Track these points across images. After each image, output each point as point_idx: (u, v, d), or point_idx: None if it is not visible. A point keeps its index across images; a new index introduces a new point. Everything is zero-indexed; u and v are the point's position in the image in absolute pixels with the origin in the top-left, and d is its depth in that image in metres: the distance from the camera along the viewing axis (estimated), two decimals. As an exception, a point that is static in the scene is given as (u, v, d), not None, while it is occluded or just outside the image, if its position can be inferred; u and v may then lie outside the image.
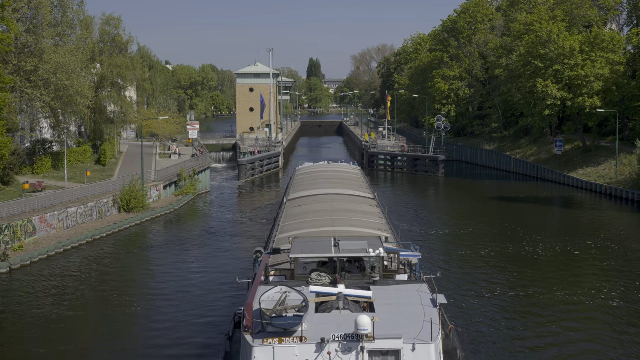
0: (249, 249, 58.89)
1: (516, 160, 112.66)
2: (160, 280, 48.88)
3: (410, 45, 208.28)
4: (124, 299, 44.06)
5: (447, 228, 66.43)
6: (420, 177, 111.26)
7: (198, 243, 61.55)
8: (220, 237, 63.57)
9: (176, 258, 55.55)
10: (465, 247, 57.34)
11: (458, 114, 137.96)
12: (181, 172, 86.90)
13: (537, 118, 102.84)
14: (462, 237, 61.60)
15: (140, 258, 56.82)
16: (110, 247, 59.96)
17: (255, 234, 65.09)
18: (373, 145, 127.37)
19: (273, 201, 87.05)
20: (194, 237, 64.23)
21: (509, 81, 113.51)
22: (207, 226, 69.41)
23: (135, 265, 54.20)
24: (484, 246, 57.76)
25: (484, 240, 60.57)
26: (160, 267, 52.88)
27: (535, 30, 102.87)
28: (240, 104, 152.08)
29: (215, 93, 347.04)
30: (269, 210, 78.52)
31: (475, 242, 59.57)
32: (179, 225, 70.14)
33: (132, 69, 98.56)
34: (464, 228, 65.82)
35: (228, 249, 59.03)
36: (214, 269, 51.33)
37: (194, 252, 57.83)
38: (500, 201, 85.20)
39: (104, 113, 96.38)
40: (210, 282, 47.74)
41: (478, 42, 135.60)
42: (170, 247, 59.94)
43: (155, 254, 57.91)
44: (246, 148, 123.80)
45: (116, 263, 54.26)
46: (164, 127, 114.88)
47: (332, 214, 41.91)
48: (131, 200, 71.62)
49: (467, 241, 59.83)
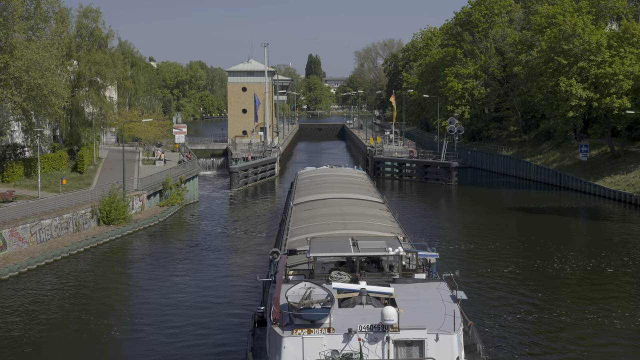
0: (243, 266, 58.76)
1: (537, 167, 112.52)
2: (144, 301, 48.64)
3: (419, 40, 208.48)
4: (103, 322, 43.82)
5: (461, 243, 66.20)
6: (431, 186, 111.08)
7: (185, 259, 61.31)
8: (210, 253, 63.37)
9: (161, 276, 55.33)
10: (483, 264, 57.12)
11: (472, 116, 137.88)
12: (167, 181, 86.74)
13: (560, 120, 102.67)
14: (478, 253, 61.38)
15: (122, 275, 56.57)
16: (88, 263, 59.73)
17: (250, 248, 64.89)
18: (379, 151, 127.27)
19: (268, 212, 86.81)
20: (181, 252, 64.01)
21: (528, 80, 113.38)
22: (195, 240, 69.18)
23: (116, 284, 53.96)
24: (504, 263, 57.52)
25: (504, 256, 60.35)
26: (144, 286, 52.66)
27: (558, 24, 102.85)
28: (231, 104, 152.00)
29: (204, 93, 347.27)
30: (265, 222, 78.31)
31: (494, 258, 59.36)
32: (164, 239, 69.92)
33: (113, 66, 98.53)
34: (480, 242, 65.60)
35: (218, 265, 58.81)
36: (204, 289, 51.09)
37: (181, 269, 57.59)
38: (519, 212, 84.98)
39: (81, 115, 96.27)
40: (200, 303, 47.47)
41: (495, 37, 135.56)
42: (154, 263, 59.71)
43: (138, 271, 57.67)
44: (238, 154, 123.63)
45: (95, 281, 54.02)
46: (147, 130, 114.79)
47: (343, 218, 45.26)
48: (111, 212, 71.46)
49: (484, 258, 59.60)
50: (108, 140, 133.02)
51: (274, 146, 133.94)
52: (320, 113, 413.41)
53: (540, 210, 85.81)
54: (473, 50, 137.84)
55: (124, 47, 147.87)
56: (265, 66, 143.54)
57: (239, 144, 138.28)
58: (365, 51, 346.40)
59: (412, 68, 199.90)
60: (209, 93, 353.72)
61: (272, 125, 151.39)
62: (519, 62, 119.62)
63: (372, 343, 25.34)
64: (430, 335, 25.46)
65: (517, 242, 66.37)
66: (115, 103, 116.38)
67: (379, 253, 32.11)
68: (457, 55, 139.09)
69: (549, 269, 55.56)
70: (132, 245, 67.17)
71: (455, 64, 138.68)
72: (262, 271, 55.78)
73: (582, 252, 61.48)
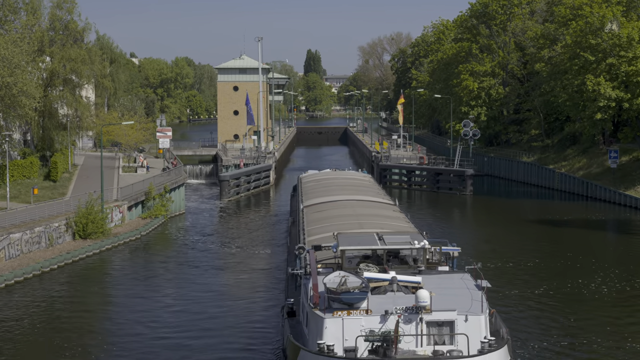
0: (235, 286, 58.78)
1: (561, 174, 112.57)
2: (125, 325, 48.59)
3: (430, 33, 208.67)
4: (78, 347, 43.81)
5: (477, 259, 66.19)
6: (443, 196, 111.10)
7: (171, 278, 61.30)
8: (199, 271, 63.31)
9: (144, 296, 55.30)
10: (503, 284, 56.97)
11: (489, 118, 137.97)
12: (149, 190, 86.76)
13: (587, 123, 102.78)
14: (497, 271, 61.27)
15: (100, 295, 56.54)
16: (62, 281, 59.68)
17: (243, 266, 64.87)
18: (385, 157, 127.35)
19: (264, 225, 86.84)
20: (166, 270, 64.00)
21: (552, 78, 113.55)
22: (182, 257, 69.16)
23: (93, 305, 53.93)
24: (525, 282, 57.38)
25: (524, 274, 60.31)
26: (124, 307, 52.60)
27: (585, 16, 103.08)
28: (222, 105, 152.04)
29: (191, 92, 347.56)
30: (260, 237, 78.34)
31: (514, 277, 59.24)
32: (147, 255, 69.89)
33: (90, 63, 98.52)
34: (497, 259, 65.54)
35: (209, 285, 58.78)
36: (193, 313, 50.89)
37: (166, 289, 57.58)
38: (541, 225, 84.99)
39: (54, 117, 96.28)
40: (188, 328, 47.42)
41: (514, 30, 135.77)
42: (136, 282, 59.69)
43: (117, 290, 57.63)
44: (229, 160, 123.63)
45: (70, 302, 53.99)
46: (128, 134, 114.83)
47: (358, 218, 51.69)
48: (88, 224, 71.41)
49: (502, 277, 59.49)
50: (84, 145, 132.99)
51: (269, 152, 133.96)
52: (320, 115, 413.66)
53: (565, 223, 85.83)
54: (490, 45, 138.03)
55: (102, 41, 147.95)
56: (259, 63, 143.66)
57: (230, 150, 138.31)
58: (370, 46, 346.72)
59: (423, 65, 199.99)
60: (197, 93, 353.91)
61: (267, 128, 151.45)
62: (541, 59, 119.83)
63: (406, 323, 31.26)
64: (460, 316, 31.48)
65: (539, 259, 66.26)
66: (92, 104, 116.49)
67: (405, 246, 38.96)
68: (473, 51, 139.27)
69: (578, 289, 55.40)
70: (112, 262, 67.12)
71: (470, 60, 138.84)
72: (259, 293, 55.98)
73: (612, 270, 61.37)
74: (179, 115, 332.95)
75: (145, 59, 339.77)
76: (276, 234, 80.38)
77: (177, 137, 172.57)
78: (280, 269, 62.04)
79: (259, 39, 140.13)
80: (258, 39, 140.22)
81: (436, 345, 31.20)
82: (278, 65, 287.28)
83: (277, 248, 71.75)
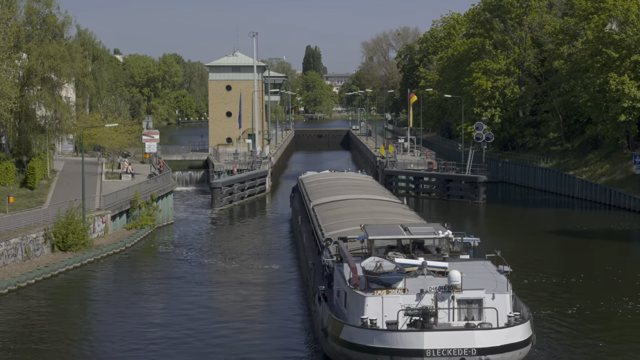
0: (229, 302, 58.68)
1: (582, 181, 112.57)
2: (107, 344, 48.53)
3: (440, 28, 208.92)
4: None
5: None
6: (454, 204, 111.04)
7: (158, 294, 61.23)
8: (189, 286, 63.28)
9: (129, 314, 55.25)
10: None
11: (504, 120, 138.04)
12: (135, 198, 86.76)
13: (610, 126, 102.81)
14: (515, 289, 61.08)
15: (81, 313, 56.43)
16: (40, 298, 59.62)
17: (237, 281, 64.75)
18: (391, 162, 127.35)
19: (259, 237, 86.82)
20: (152, 285, 63.93)
21: (572, 76, 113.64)
22: (170, 271, 69.13)
23: (74, 323, 53.85)
24: (547, 301, 57.02)
25: (544, 292, 60.16)
26: (107, 326, 52.53)
27: (608, 9, 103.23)
28: (213, 106, 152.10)
29: (180, 92, 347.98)
30: (255, 249, 78.30)
31: (531, 295, 59.12)
32: (132, 269, 69.84)
33: (70, 60, 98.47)
34: (514, 274, 65.40)
35: (199, 303, 58.71)
36: (182, 332, 50.87)
37: (152, 306, 57.52)
38: (560, 236, 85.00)
39: (32, 119, 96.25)
40: (178, 349, 47.34)
41: (531, 25, 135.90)
42: (120, 298, 59.63)
43: (100, 307, 57.56)
44: (221, 166, 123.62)
45: (48, 319, 53.90)
46: (112, 137, 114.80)
47: (372, 215, 59.52)
48: (68, 235, 71.37)
49: (521, 295, 59.31)
50: (64, 150, 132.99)
51: (265, 157, 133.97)
52: (320, 117, 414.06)
53: (586, 234, 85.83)
54: (505, 41, 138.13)
55: (83, 37, 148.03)
56: (254, 60, 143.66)
57: (222, 154, 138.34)
58: (374, 42, 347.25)
59: (431, 62, 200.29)
60: (186, 92, 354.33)
61: (263, 131, 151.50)
62: (560, 56, 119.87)
63: (440, 301, 38.78)
64: (488, 294, 39.35)
65: (559, 274, 65.84)
66: (73, 105, 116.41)
67: (430, 236, 47.38)
68: (486, 47, 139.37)
69: (605, 308, 55.07)
70: (94, 276, 67.06)
71: (483, 57, 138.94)
72: (255, 309, 55.77)
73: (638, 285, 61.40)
74: (167, 116, 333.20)
75: (131, 55, 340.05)
76: (273, 246, 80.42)
77: (164, 141, 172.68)
78: (278, 282, 62.46)
79: (253, 34, 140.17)
80: (253, 34, 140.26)
81: (466, 320, 39.05)
82: (274, 62, 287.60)
83: (274, 260, 71.79)
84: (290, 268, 69.14)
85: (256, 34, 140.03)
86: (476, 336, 37.49)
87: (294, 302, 57.68)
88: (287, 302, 57.96)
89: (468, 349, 37.17)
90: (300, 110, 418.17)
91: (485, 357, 37.35)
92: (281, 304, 57.55)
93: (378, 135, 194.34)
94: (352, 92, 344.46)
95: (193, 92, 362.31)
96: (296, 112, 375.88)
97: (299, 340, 48.81)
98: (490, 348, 37.54)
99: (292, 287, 62.40)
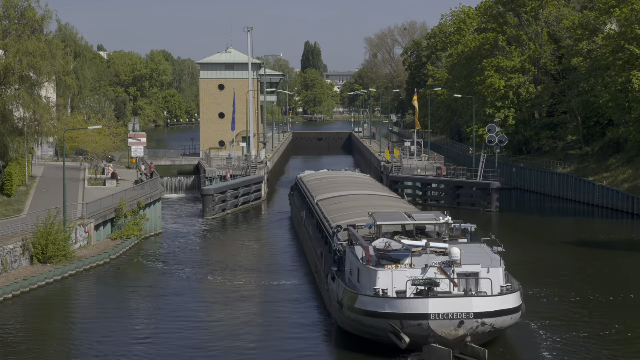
0: (223, 319, 58.73)
1: (602, 188, 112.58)
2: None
3: (450, 23, 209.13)
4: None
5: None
6: (465, 213, 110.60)
7: (145, 310, 61.25)
8: (179, 304, 63.31)
9: (114, 330, 55.30)
10: (541, 326, 56.83)
11: (519, 122, 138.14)
12: (120, 206, 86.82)
13: (633, 128, 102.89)
14: (533, 308, 61.18)
15: (62, 330, 56.43)
16: (18, 314, 59.69)
17: (232, 300, 64.75)
18: (397, 167, 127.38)
19: (256, 250, 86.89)
20: (139, 301, 63.98)
21: (592, 75, 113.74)
22: (158, 286, 69.19)
23: (55, 341, 53.89)
24: (567, 324, 56.85)
25: (561, 310, 60.11)
26: (91, 344, 52.58)
27: (631, 2, 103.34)
28: (205, 107, 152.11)
29: (169, 92, 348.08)
30: (251, 263, 78.42)
31: (550, 315, 59.05)
32: (117, 283, 69.88)
33: (50, 58, 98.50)
34: (531, 290, 65.48)
35: (189, 318, 58.78)
36: (170, 352, 50.88)
37: (139, 324, 57.56)
38: (580, 248, 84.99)
39: (9, 121, 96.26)
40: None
41: (548, 19, 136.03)
42: (104, 315, 59.65)
43: (82, 324, 57.58)
44: (214, 171, 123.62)
45: (26, 336, 53.97)
46: (95, 140, 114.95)
47: (376, 208, 66.75)
48: (48, 246, 71.36)
49: (542, 313, 59.36)
50: (44, 154, 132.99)
51: (261, 162, 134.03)
52: (320, 118, 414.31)
53: (608, 245, 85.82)
54: (519, 37, 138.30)
55: (65, 32, 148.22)
56: (249, 57, 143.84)
57: (214, 159, 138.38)
58: (378, 38, 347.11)
59: (440, 60, 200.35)
60: (176, 92, 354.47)
61: (258, 134, 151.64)
62: (579, 52, 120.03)
63: (442, 274, 48.16)
64: (483, 269, 49.02)
65: (580, 291, 65.34)
66: (53, 105, 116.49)
67: (432, 221, 58.60)
68: (499, 43, 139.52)
69: (633, 332, 54.81)
70: (76, 291, 67.13)
71: (496, 54, 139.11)
72: (250, 327, 55.75)
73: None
74: (154, 118, 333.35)
75: (116, 52, 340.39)
76: (271, 260, 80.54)
77: (152, 145, 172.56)
78: (279, 297, 62.99)
79: (248, 29, 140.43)
80: (247, 30, 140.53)
81: (465, 291, 48.01)
82: (271, 60, 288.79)
83: (273, 275, 71.90)
84: (292, 279, 69.42)
85: (251, 29, 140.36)
86: (473, 302, 46.80)
87: (301, 298, 64.71)
88: (294, 300, 61.42)
89: (467, 313, 46.39)
90: (299, 112, 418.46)
91: (482, 321, 46.59)
92: (286, 304, 57.98)
93: (383, 138, 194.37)
94: (355, 91, 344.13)
95: (183, 91, 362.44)
96: (294, 114, 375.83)
97: (313, 317, 58.98)
98: (485, 312, 46.70)
99: (293, 297, 62.85)
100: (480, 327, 46.71)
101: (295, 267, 76.30)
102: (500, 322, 47.44)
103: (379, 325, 47.72)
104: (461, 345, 46.41)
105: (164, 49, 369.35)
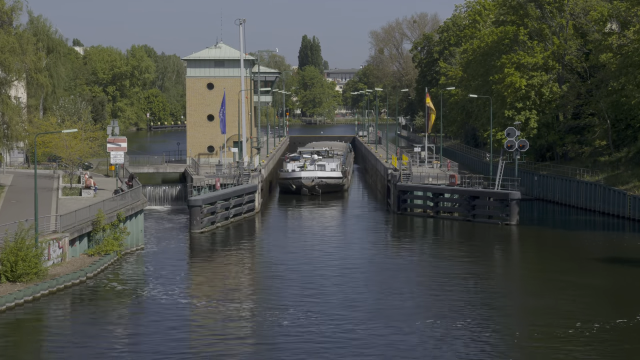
0: (211, 351, 58.80)
1: (634, 198, 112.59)
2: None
3: (464, 15, 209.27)
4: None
5: (527, 317, 65.88)
6: (481, 227, 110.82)
7: (125, 335, 61.25)
8: (162, 330, 63.30)
9: (90, 358, 55.20)
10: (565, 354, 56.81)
11: (541, 125, 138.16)
12: (98, 219, 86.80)
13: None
14: (562, 339, 61.08)
15: (33, 356, 56.38)
16: (-17, 338, 59.64)
17: (222, 327, 64.78)
18: (405, 175, 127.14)
19: (247, 266, 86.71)
20: (118, 326, 63.97)
21: (622, 72, 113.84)
22: (139, 307, 69.18)
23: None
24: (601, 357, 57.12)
25: (600, 344, 60.20)
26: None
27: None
28: (192, 108, 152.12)
29: (152, 91, 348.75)
30: (246, 281, 78.29)
31: (574, 349, 59.07)
32: (94, 305, 69.84)
33: (20, 53, 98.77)
34: (557, 316, 65.37)
35: (173, 346, 58.76)
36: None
37: (117, 351, 57.52)
38: (610, 265, 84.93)
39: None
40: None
41: (573, 10, 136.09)
42: (80, 339, 59.65)
43: (56, 352, 57.57)
44: (202, 179, 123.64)
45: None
46: (70, 145, 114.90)
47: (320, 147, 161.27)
48: (18, 263, 71.27)
49: (569, 344, 59.33)
50: (13, 160, 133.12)
51: (254, 169, 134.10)
52: (320, 120, 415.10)
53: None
54: (542, 30, 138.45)
55: (36, 25, 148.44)
56: (241, 53, 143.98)
57: (202, 166, 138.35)
58: (385, 31, 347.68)
59: (454, 56, 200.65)
60: (159, 92, 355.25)
61: (251, 138, 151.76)
62: (608, 47, 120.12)
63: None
64: (325, 161, 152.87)
65: (611, 316, 65.84)
66: (23, 106, 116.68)
67: (323, 148, 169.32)
68: (519, 37, 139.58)
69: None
70: (48, 313, 67.09)
71: (516, 49, 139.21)
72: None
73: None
74: (136, 120, 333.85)
75: (93, 47, 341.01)
76: (267, 279, 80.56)
77: (133, 150, 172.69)
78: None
79: (240, 21, 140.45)
80: (239, 22, 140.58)
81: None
82: (265, 56, 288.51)
83: (267, 299, 71.89)
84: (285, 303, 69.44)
85: (243, 21, 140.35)
86: (318, 173, 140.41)
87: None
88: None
89: (315, 177, 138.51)
90: (297, 113, 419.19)
91: (320, 180, 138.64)
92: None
93: (389, 143, 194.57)
94: (359, 91, 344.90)
95: (167, 91, 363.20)
96: (291, 115, 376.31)
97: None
98: (322, 177, 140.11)
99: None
100: (320, 181, 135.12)
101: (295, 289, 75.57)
102: (330, 181, 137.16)
103: (286, 182, 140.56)
104: (314, 188, 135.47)
105: (146, 44, 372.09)
